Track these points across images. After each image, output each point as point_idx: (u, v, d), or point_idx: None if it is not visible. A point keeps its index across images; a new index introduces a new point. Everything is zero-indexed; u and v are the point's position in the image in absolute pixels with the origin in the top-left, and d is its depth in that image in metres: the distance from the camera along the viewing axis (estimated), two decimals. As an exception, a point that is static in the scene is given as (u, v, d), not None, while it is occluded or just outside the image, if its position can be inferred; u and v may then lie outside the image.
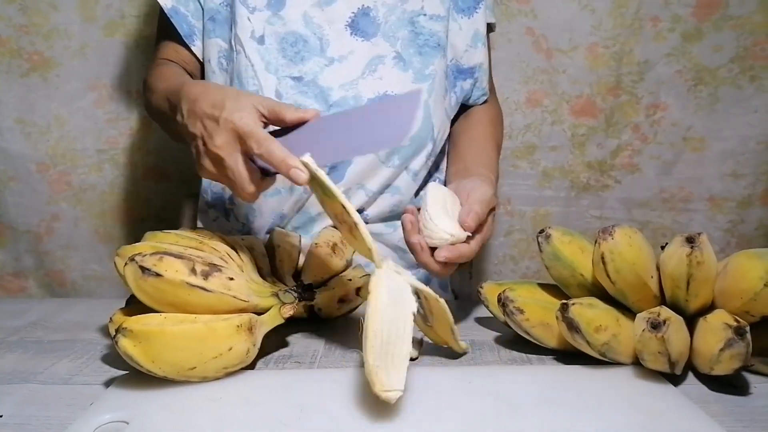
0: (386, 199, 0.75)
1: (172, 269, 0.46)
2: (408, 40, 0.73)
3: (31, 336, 0.60)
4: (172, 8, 0.73)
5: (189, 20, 0.73)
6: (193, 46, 0.74)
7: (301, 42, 0.71)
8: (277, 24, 0.71)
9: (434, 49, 0.73)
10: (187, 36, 0.73)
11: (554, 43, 1.04)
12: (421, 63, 0.73)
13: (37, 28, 1.00)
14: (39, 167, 1.06)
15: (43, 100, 1.03)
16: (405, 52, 0.73)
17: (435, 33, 0.73)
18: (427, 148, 0.74)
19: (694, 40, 1.04)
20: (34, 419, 0.44)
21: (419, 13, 0.73)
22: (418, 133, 0.73)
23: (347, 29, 0.71)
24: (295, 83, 0.71)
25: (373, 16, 0.72)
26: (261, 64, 0.70)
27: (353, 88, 0.71)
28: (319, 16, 0.71)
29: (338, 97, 0.71)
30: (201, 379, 0.47)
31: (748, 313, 0.47)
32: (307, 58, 0.71)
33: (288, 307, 0.51)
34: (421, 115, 0.73)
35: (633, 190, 1.11)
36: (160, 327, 0.45)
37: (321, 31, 0.71)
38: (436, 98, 0.74)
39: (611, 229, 0.49)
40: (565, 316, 0.49)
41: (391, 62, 0.72)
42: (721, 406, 0.45)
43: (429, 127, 0.74)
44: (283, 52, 0.71)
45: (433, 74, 0.73)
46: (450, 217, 0.54)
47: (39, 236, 1.09)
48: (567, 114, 1.08)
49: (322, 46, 0.71)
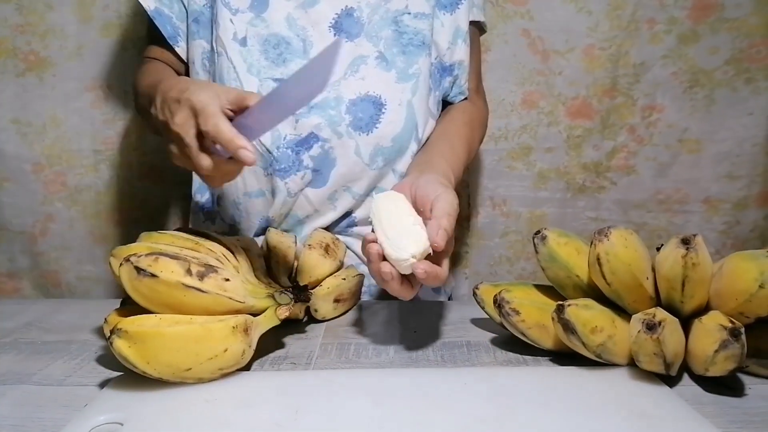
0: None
1: (168, 270, 0.46)
2: (391, 39, 0.72)
3: (25, 337, 0.60)
4: (155, 10, 0.73)
5: (173, 21, 0.74)
6: (177, 47, 0.75)
7: (284, 44, 0.70)
8: (259, 26, 0.70)
9: (418, 48, 0.73)
10: (171, 37, 0.74)
11: (550, 44, 1.05)
12: (404, 62, 0.72)
13: (33, 28, 1.00)
14: (34, 167, 1.05)
15: (39, 100, 1.03)
16: (388, 52, 0.72)
17: (419, 31, 0.73)
18: (412, 148, 0.74)
19: (690, 42, 1.04)
20: (28, 421, 0.43)
21: (403, 11, 0.73)
22: (401, 134, 0.72)
23: (330, 30, 0.71)
24: (276, 85, 0.70)
25: (356, 16, 0.72)
26: (243, 66, 0.70)
27: (335, 89, 0.71)
28: (302, 17, 0.71)
29: (319, 99, 0.70)
30: (196, 381, 0.46)
31: (743, 315, 0.48)
32: (289, 60, 0.70)
33: (284, 308, 0.51)
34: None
35: (629, 192, 1.12)
36: (155, 328, 0.45)
37: (304, 32, 0.71)
38: (419, 98, 0.73)
39: (607, 230, 0.49)
40: (560, 317, 0.49)
41: (374, 62, 0.72)
42: (717, 407, 0.45)
43: (412, 127, 0.73)
44: (266, 54, 0.70)
45: (417, 73, 0.73)
46: (408, 232, 0.49)
47: (34, 237, 1.08)
48: (563, 115, 1.08)
49: (305, 48, 0.71)
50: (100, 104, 1.04)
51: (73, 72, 1.02)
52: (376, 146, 0.72)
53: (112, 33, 1.01)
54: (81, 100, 1.03)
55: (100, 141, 1.05)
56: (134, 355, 0.44)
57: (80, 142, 1.05)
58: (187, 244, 0.52)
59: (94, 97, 1.04)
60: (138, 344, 0.44)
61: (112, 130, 1.05)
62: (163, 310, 0.47)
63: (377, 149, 0.72)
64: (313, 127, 0.70)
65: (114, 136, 1.06)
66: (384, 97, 0.71)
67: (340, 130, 0.70)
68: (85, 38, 1.01)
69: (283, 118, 0.52)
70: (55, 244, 1.09)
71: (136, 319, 0.46)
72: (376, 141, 0.72)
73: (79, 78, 1.02)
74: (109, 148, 1.06)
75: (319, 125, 0.70)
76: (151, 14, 0.73)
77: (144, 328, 0.45)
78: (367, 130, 0.71)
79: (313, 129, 0.70)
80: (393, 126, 0.72)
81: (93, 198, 1.08)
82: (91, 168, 1.06)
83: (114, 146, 1.06)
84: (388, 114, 0.71)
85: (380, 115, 0.71)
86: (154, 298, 0.46)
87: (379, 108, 0.71)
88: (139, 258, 0.46)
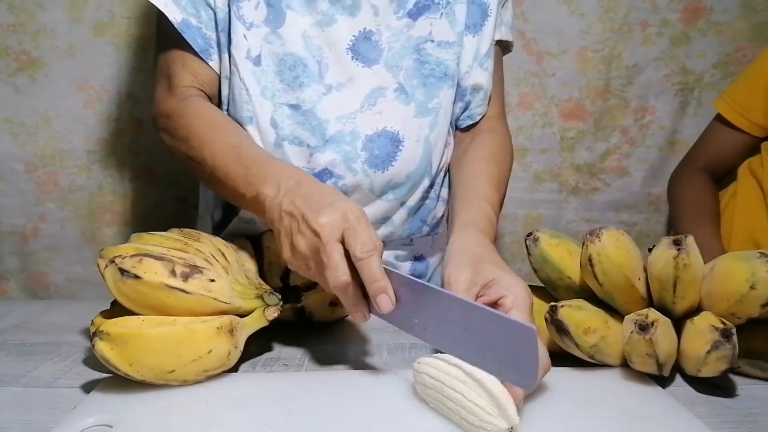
0: (379, 231, 0.71)
1: (152, 271, 0.45)
2: (412, 69, 0.67)
3: (13, 339, 0.59)
4: (182, 22, 0.63)
5: (203, 32, 0.64)
6: (210, 60, 0.65)
7: (300, 66, 0.64)
8: (275, 43, 0.64)
9: (440, 80, 0.68)
10: (203, 51, 0.64)
11: (544, 46, 1.05)
12: (424, 95, 0.68)
13: (24, 28, 0.99)
14: (27, 167, 1.04)
15: (31, 100, 1.02)
16: (408, 84, 0.67)
17: (442, 62, 0.68)
18: (424, 184, 0.71)
19: (681, 45, 1.05)
20: (15, 423, 0.43)
21: (426, 39, 0.67)
22: (416, 171, 0.69)
23: (348, 53, 0.65)
24: (292, 112, 0.65)
25: (375, 40, 0.66)
26: (256, 88, 0.64)
27: (351, 122, 0.66)
28: (319, 36, 0.65)
29: (334, 131, 0.65)
30: (181, 383, 0.46)
31: (735, 315, 0.48)
32: (306, 85, 0.65)
33: (272, 309, 0.50)
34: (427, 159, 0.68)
35: (621, 193, 1.12)
36: (137, 329, 0.44)
37: (320, 53, 0.65)
38: (438, 133, 0.69)
39: (598, 231, 0.49)
40: (554, 318, 0.49)
41: (393, 95, 0.67)
42: (709, 407, 0.46)
43: (427, 164, 0.69)
44: (281, 76, 0.65)
45: (437, 108, 0.68)
46: (495, 399, 0.39)
47: (24, 237, 1.07)
48: (556, 117, 1.08)
49: (321, 71, 0.65)
50: (93, 105, 1.03)
51: (65, 72, 1.01)
52: (389, 182, 0.68)
53: (105, 33, 1.01)
54: (73, 101, 1.03)
55: (93, 141, 1.05)
56: (116, 357, 0.43)
57: (73, 143, 1.04)
58: (176, 244, 0.52)
59: (87, 97, 1.03)
60: (120, 346, 0.43)
61: (105, 130, 1.05)
62: (148, 312, 0.46)
63: (390, 184, 0.68)
64: (327, 163, 0.66)
65: (107, 137, 1.05)
66: (402, 134, 0.67)
67: (355, 167, 0.66)
68: (77, 38, 1.00)
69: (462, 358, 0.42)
70: (46, 245, 1.08)
71: (119, 320, 0.45)
72: (389, 178, 0.68)
73: (71, 78, 1.02)
74: (102, 149, 1.05)
75: (334, 161, 0.66)
76: (179, 27, 0.62)
77: (126, 330, 0.44)
78: (383, 168, 0.67)
79: (327, 165, 0.66)
80: (409, 163, 0.68)
81: (85, 198, 1.07)
82: (84, 168, 1.06)
83: (107, 147, 1.05)
84: (405, 151, 0.67)
85: (397, 153, 0.67)
86: (139, 299, 0.46)
87: (396, 145, 0.67)
88: (123, 259, 0.46)
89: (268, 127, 0.65)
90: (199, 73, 0.66)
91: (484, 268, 0.48)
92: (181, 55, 0.65)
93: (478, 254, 0.51)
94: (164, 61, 0.67)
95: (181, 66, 0.65)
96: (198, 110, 0.63)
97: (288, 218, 0.49)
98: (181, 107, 0.63)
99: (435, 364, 0.42)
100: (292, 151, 0.66)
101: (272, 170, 0.53)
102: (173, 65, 0.66)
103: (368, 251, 0.44)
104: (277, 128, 0.65)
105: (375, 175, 0.67)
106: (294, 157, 0.66)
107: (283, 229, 0.49)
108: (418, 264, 0.77)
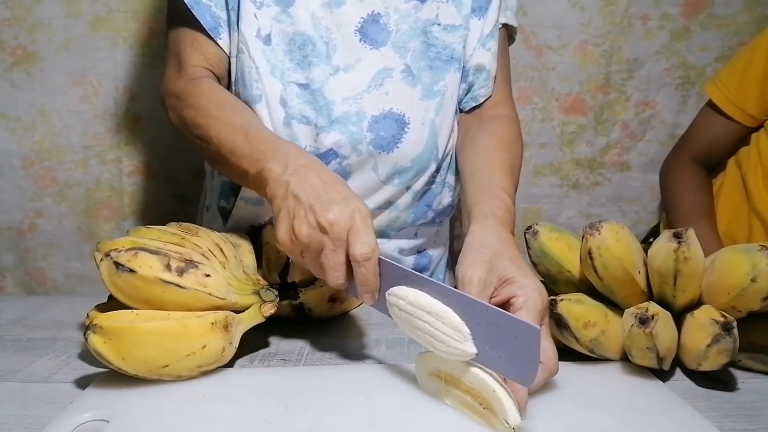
0: (384, 216, 0.71)
1: (146, 265, 0.45)
2: (419, 51, 0.68)
3: (10, 334, 0.59)
4: None
5: (212, 11, 0.65)
6: (219, 39, 0.66)
7: (310, 45, 0.65)
8: (285, 22, 0.65)
9: (446, 63, 0.68)
10: (212, 29, 0.65)
11: (544, 40, 1.04)
12: (430, 78, 0.68)
13: (20, 22, 0.98)
14: (24, 163, 1.04)
15: (28, 95, 1.01)
16: (415, 66, 0.68)
17: (448, 45, 0.68)
18: (430, 169, 0.71)
19: (682, 39, 1.05)
20: (11, 418, 0.43)
21: (433, 22, 0.68)
22: (422, 154, 0.69)
23: (356, 35, 0.66)
24: (301, 91, 0.66)
25: (383, 23, 0.67)
26: (266, 67, 0.65)
27: (357, 102, 0.66)
28: (327, 17, 0.65)
29: (341, 112, 0.66)
30: (175, 378, 0.45)
31: (735, 309, 0.47)
32: (314, 64, 0.65)
33: (269, 305, 0.49)
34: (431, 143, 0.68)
35: (622, 188, 1.12)
36: (130, 324, 0.44)
37: (329, 34, 0.66)
38: (444, 117, 0.69)
39: (598, 224, 0.49)
40: (553, 312, 0.48)
41: (399, 76, 0.67)
42: (709, 401, 0.45)
43: (433, 148, 0.69)
44: (291, 55, 0.65)
45: (443, 90, 0.69)
46: (498, 400, 0.39)
47: (21, 233, 1.07)
48: (556, 111, 1.08)
49: (329, 52, 0.66)
50: (90, 99, 1.03)
51: (61, 67, 1.01)
52: (394, 165, 0.68)
53: (102, 28, 1.00)
54: (70, 96, 1.02)
55: (90, 137, 1.04)
56: (109, 350, 0.43)
57: (70, 138, 1.04)
58: (173, 239, 0.51)
59: (84, 92, 1.02)
60: (113, 340, 0.43)
61: (102, 125, 1.04)
62: (143, 306, 0.46)
63: (395, 168, 0.69)
64: (333, 144, 0.66)
65: (104, 132, 1.04)
66: (408, 116, 0.68)
67: (360, 148, 0.67)
68: (74, 32, 0.99)
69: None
70: (43, 241, 1.08)
71: (112, 314, 0.45)
72: (395, 160, 0.68)
73: (68, 73, 1.01)
74: (99, 144, 1.05)
75: (339, 142, 0.66)
76: (189, 4, 0.63)
77: (119, 324, 0.44)
78: (388, 149, 0.67)
79: (332, 146, 0.66)
80: (414, 146, 0.68)
81: (82, 194, 1.06)
82: (81, 164, 1.05)
83: (104, 142, 1.05)
84: (410, 134, 0.68)
85: (402, 135, 0.68)
86: (133, 293, 0.45)
87: (402, 127, 0.68)
88: (118, 253, 0.45)
89: (277, 105, 0.66)
90: (208, 53, 0.66)
91: (499, 267, 0.47)
92: (190, 33, 0.66)
93: (495, 250, 0.49)
94: (174, 40, 0.67)
95: (191, 45, 0.66)
96: (207, 90, 0.63)
97: (293, 200, 0.49)
98: (191, 87, 0.63)
99: (404, 295, 0.43)
100: (300, 130, 0.66)
101: (280, 149, 0.54)
102: (183, 44, 0.66)
103: (367, 255, 0.45)
104: (286, 107, 0.66)
105: (380, 156, 0.68)
106: (302, 135, 0.66)
107: (286, 208, 0.49)
108: (422, 258, 0.77)
